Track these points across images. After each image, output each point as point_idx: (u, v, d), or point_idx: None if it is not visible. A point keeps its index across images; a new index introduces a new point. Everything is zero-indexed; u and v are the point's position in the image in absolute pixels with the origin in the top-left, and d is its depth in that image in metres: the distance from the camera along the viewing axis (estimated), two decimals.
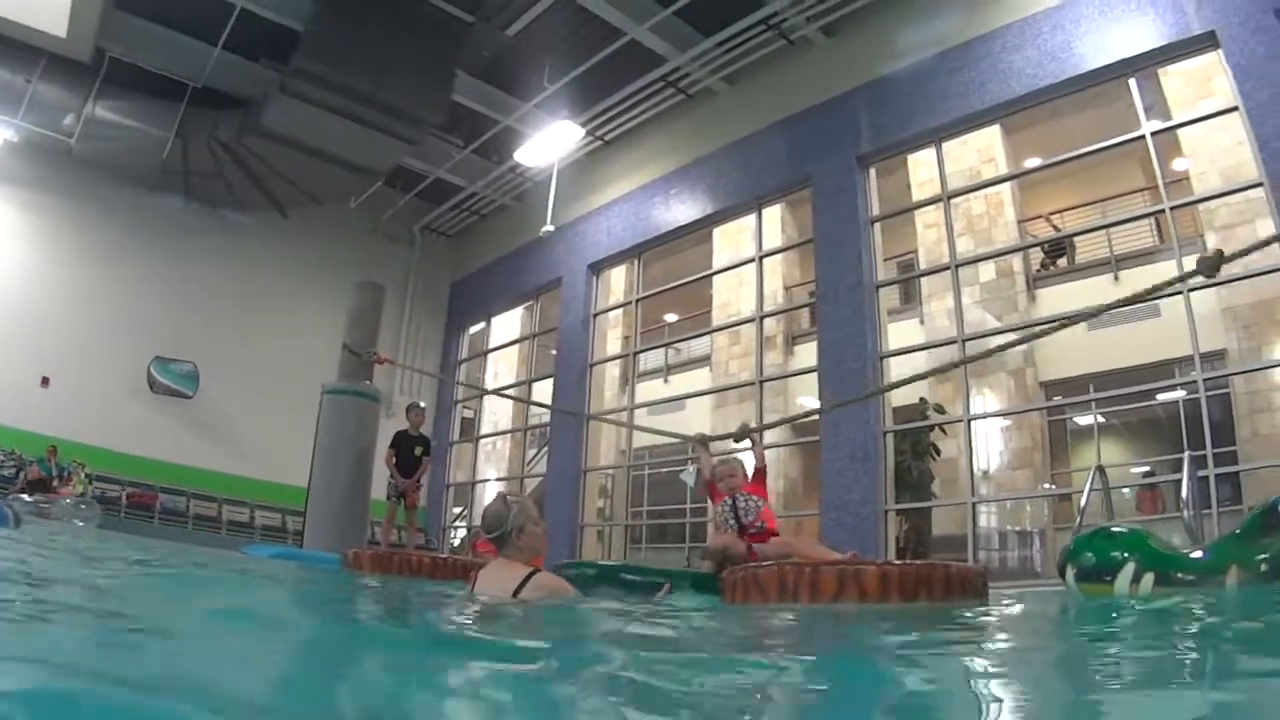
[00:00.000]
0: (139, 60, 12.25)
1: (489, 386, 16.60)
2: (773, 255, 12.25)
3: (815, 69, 10.98)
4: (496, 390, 15.99)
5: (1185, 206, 9.29)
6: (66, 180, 13.42)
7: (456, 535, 15.73)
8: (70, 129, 12.46)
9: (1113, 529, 3.65)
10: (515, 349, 16.80)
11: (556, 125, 12.48)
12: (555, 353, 14.41)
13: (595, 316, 13.70)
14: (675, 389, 16.06)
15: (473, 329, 17.34)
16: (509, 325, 16.87)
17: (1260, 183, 7.34)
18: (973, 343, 9.38)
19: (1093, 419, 13.08)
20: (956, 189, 10.13)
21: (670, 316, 18.91)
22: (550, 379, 14.27)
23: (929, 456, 11.31)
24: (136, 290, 14.05)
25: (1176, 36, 7.91)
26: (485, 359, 17.11)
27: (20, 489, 11.04)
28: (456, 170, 14.91)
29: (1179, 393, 10.60)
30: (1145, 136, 8.33)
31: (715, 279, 14.16)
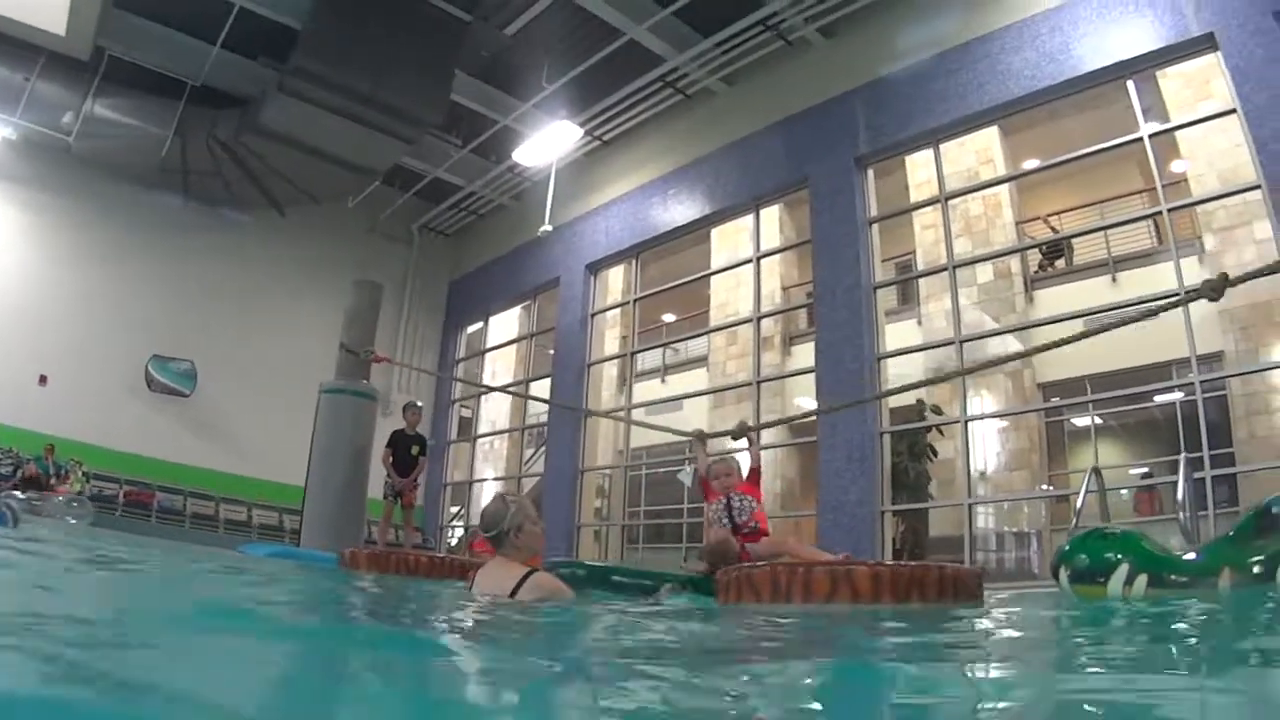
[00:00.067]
0: (138, 58, 12.25)
1: (487, 386, 16.62)
2: (770, 256, 12.23)
3: (814, 70, 10.97)
4: (495, 388, 16.00)
5: (1183, 208, 9.30)
6: (65, 178, 13.41)
7: (454, 534, 15.72)
8: (69, 127, 12.45)
9: (1106, 531, 3.65)
10: (513, 349, 16.83)
11: (555, 125, 12.49)
12: (553, 352, 14.41)
13: (593, 316, 13.71)
14: (673, 389, 16.05)
15: (470, 328, 17.34)
16: (507, 325, 16.89)
17: (1258, 185, 7.35)
18: (970, 344, 9.39)
19: (1090, 420, 13.08)
20: (954, 190, 10.13)
21: (668, 317, 18.92)
22: (548, 379, 14.27)
23: (926, 457, 11.31)
24: (134, 288, 14.04)
25: (1175, 39, 7.91)
26: (483, 358, 17.11)
27: (14, 486, 11.02)
28: (455, 170, 14.91)
29: (1176, 394, 10.61)
30: (1143, 138, 8.34)
31: (713, 279, 14.16)
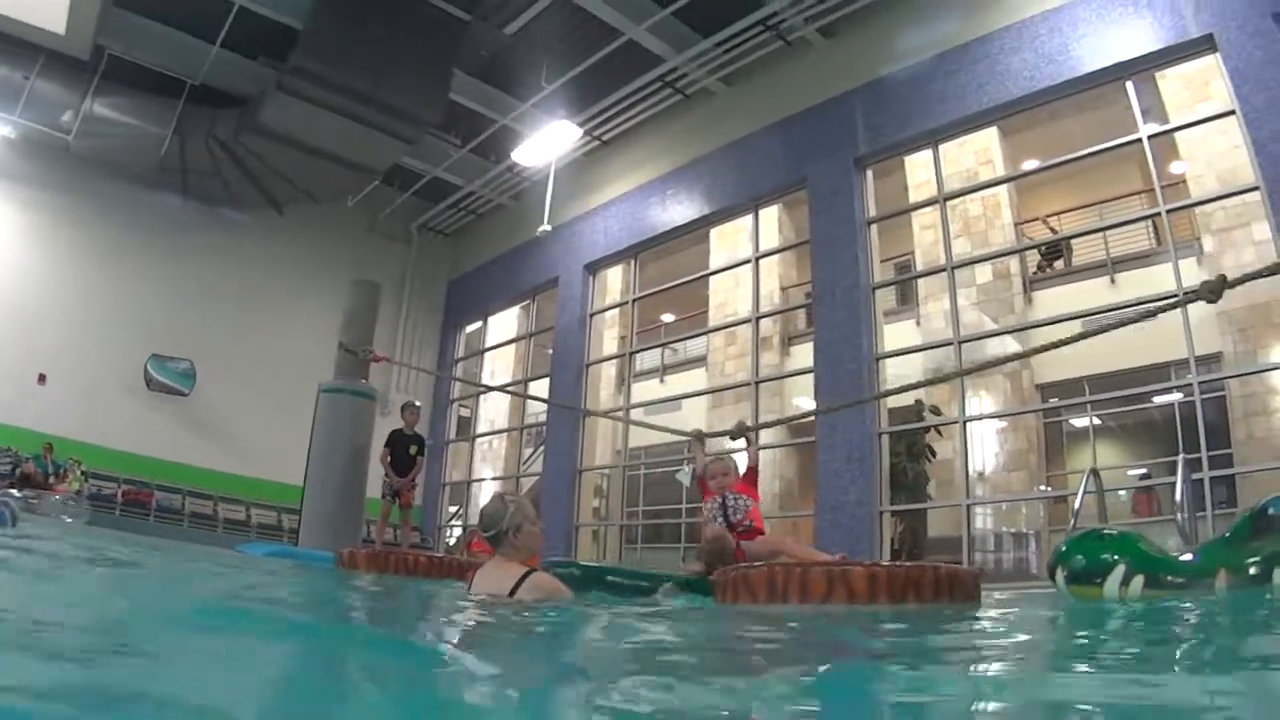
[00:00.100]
0: (137, 57, 12.24)
1: (485, 386, 16.61)
2: (769, 256, 12.24)
3: (813, 70, 10.97)
4: (494, 388, 16.01)
5: (1182, 210, 9.31)
6: (64, 177, 13.40)
7: (452, 534, 15.72)
8: (68, 126, 12.44)
9: (1103, 531, 3.64)
10: (512, 348, 16.84)
11: (554, 125, 12.49)
12: (552, 352, 14.41)
13: (592, 316, 13.70)
14: (671, 389, 16.07)
15: (469, 328, 17.34)
16: (505, 324, 16.89)
17: (1256, 186, 7.35)
18: (969, 345, 9.39)
19: (1089, 421, 13.09)
20: (953, 191, 10.13)
21: (667, 317, 18.94)
22: (546, 379, 14.26)
23: (925, 458, 11.31)
24: (133, 288, 14.03)
25: (1174, 40, 7.91)
26: (482, 358, 17.10)
27: (10, 485, 11.03)
28: (454, 169, 14.90)
29: (1175, 395, 10.62)
30: (1142, 140, 8.34)
31: (712, 279, 14.17)
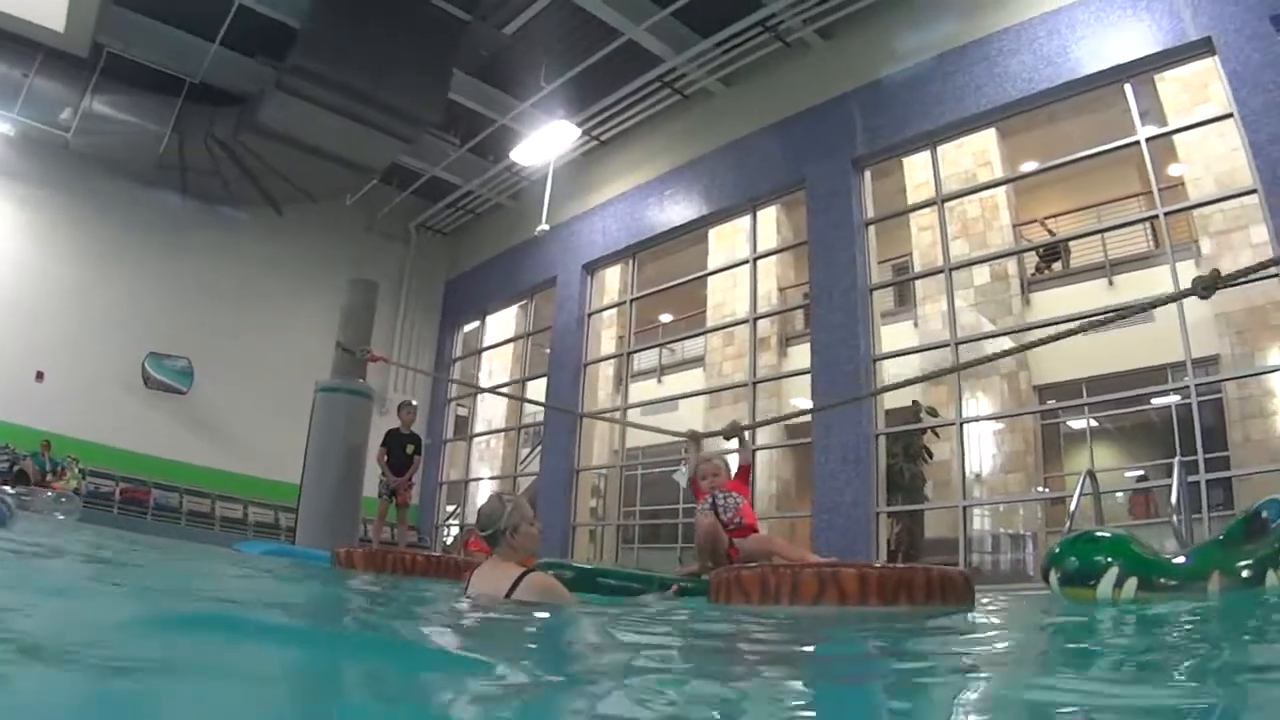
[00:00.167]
0: (136, 55, 12.22)
1: (483, 385, 16.61)
2: (767, 257, 12.25)
3: (811, 71, 10.96)
4: (490, 389, 16.01)
5: (1180, 212, 9.32)
6: (63, 175, 13.38)
7: (449, 533, 15.72)
8: (67, 123, 12.43)
9: (1097, 534, 3.66)
10: (509, 348, 16.84)
11: (553, 125, 12.48)
12: (549, 352, 14.41)
13: (589, 316, 13.68)
14: (669, 389, 16.09)
15: (467, 327, 17.32)
16: (503, 324, 16.89)
17: (1254, 189, 7.34)
18: (966, 346, 9.39)
19: (1086, 423, 13.11)
20: (951, 192, 10.12)
21: (665, 317, 18.96)
22: (544, 378, 14.25)
23: (921, 459, 11.31)
24: (132, 286, 14.02)
25: (1173, 43, 7.90)
26: (479, 357, 17.10)
27: (4, 482, 11.03)
28: (452, 169, 14.89)
29: (1172, 397, 10.63)
30: (1140, 142, 8.33)
31: (710, 280, 14.18)
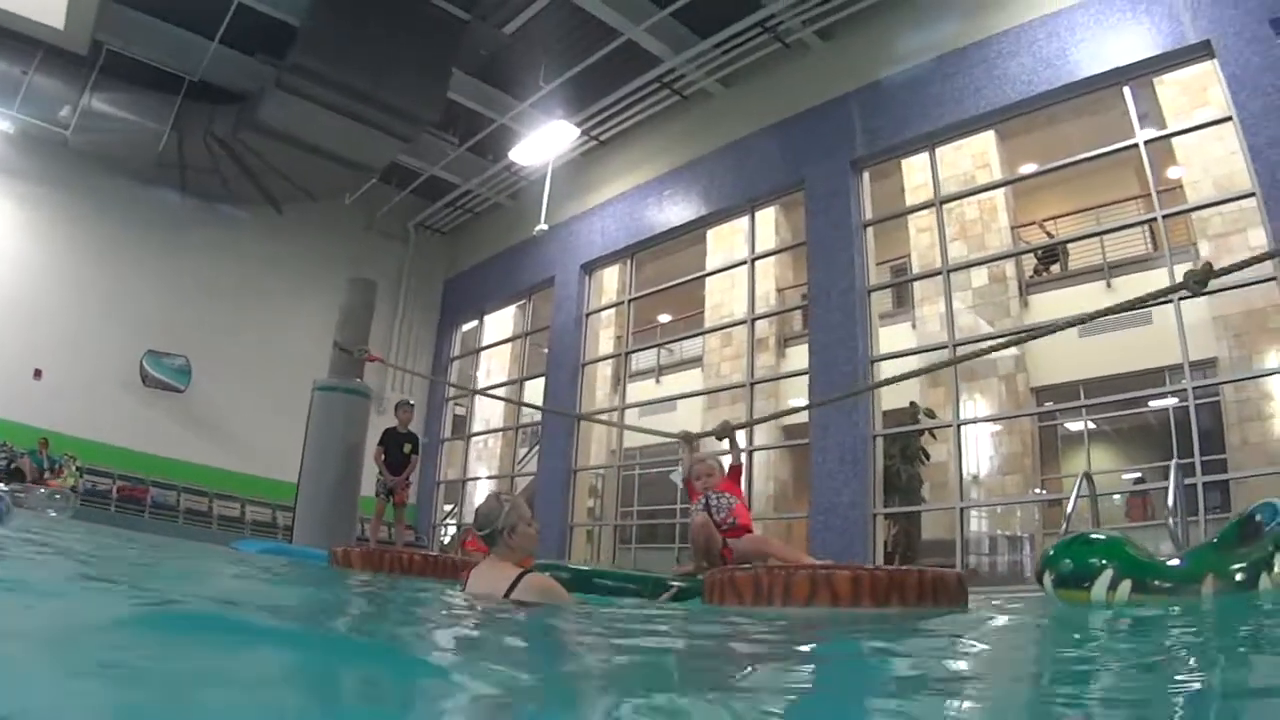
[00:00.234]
0: (136, 53, 12.22)
1: (481, 384, 16.61)
2: (765, 257, 12.25)
3: (811, 72, 10.95)
4: (486, 391, 16.00)
5: (1178, 215, 9.33)
6: (62, 172, 13.37)
7: (446, 533, 15.72)
8: (66, 121, 12.42)
9: (1091, 536, 3.65)
10: (508, 347, 16.83)
11: (552, 125, 12.47)
12: (547, 351, 14.40)
13: (588, 316, 13.67)
14: (667, 389, 16.10)
15: (465, 327, 17.31)
16: (502, 323, 16.88)
17: (1253, 192, 7.34)
18: (964, 348, 9.40)
19: (1083, 425, 13.11)
20: (950, 194, 10.11)
21: (663, 317, 18.97)
22: (542, 378, 14.25)
23: (919, 460, 11.33)
24: (130, 284, 14.01)
25: (1172, 46, 7.90)
26: (478, 357, 17.10)
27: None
28: (451, 168, 14.89)
29: (1170, 400, 10.63)
30: (1139, 145, 8.33)
31: (708, 280, 14.18)
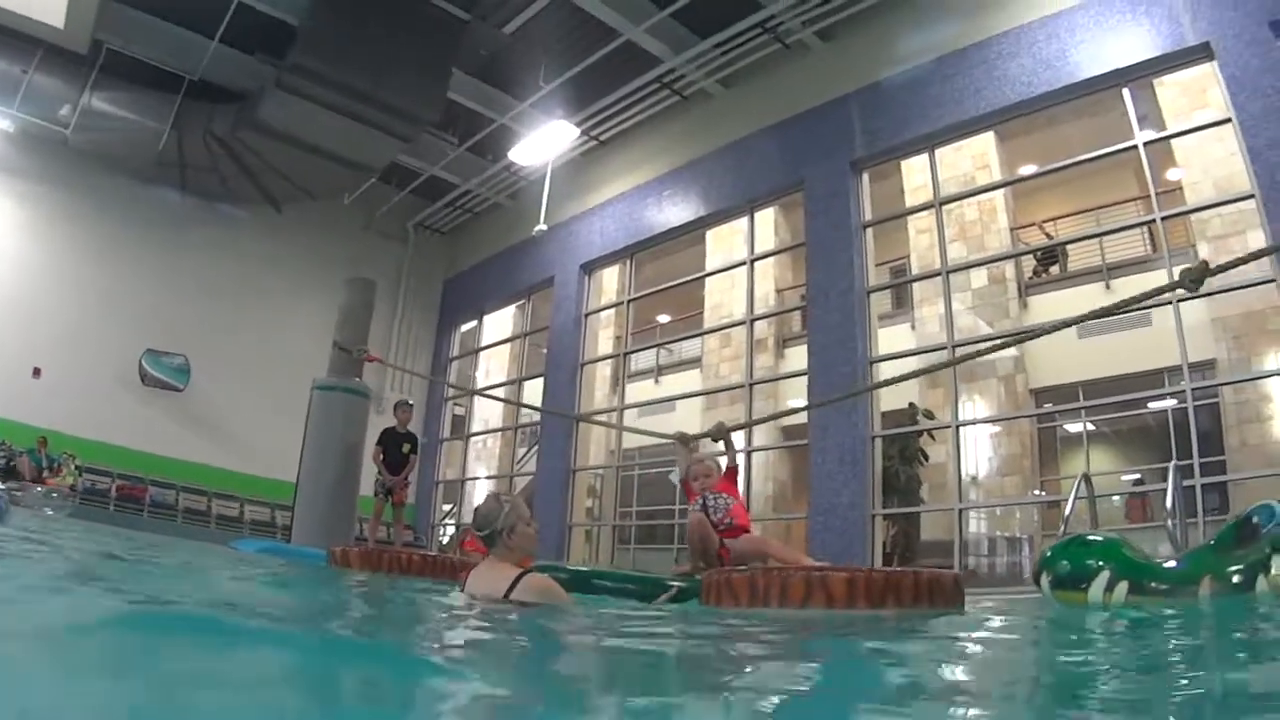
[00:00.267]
0: (136, 52, 12.21)
1: (480, 384, 16.61)
2: (765, 258, 12.24)
3: (811, 73, 10.95)
4: (484, 390, 16.00)
5: (1177, 216, 9.33)
6: (61, 171, 13.37)
7: (445, 533, 15.72)
8: (66, 120, 12.42)
9: (1088, 537, 3.66)
10: (507, 347, 16.82)
11: (551, 125, 12.47)
12: (546, 352, 14.39)
13: (587, 316, 13.66)
14: (666, 390, 16.11)
15: (465, 326, 17.30)
16: (501, 323, 16.87)
17: (1252, 194, 7.34)
18: (963, 349, 9.39)
19: (1083, 427, 13.11)
20: (949, 195, 10.10)
21: (662, 318, 18.97)
22: (541, 378, 14.25)
23: (917, 462, 11.33)
24: (129, 282, 14.00)
25: (1171, 48, 7.90)
26: (477, 357, 17.09)
27: None
28: (451, 168, 14.88)
29: (1169, 402, 10.64)
30: (1139, 146, 8.33)
31: (707, 281, 14.18)
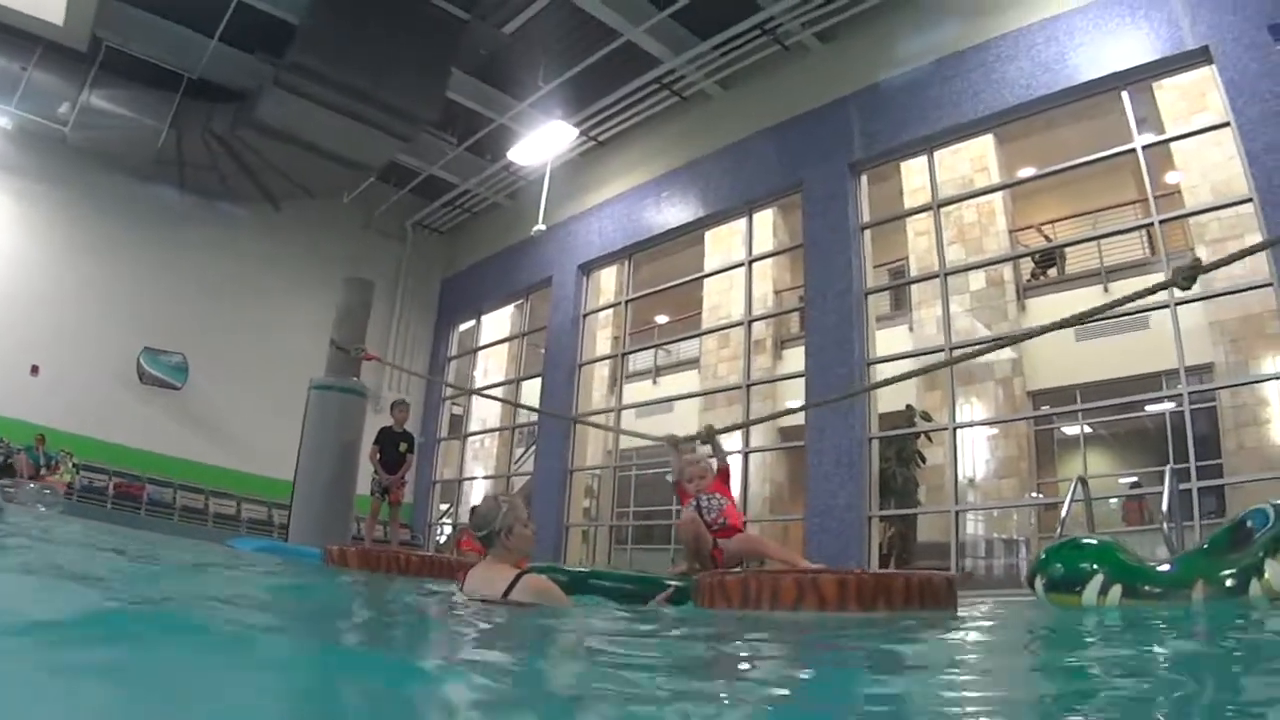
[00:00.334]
0: (135, 50, 12.21)
1: (478, 384, 16.60)
2: (763, 259, 12.24)
3: (810, 75, 10.95)
4: (481, 390, 15.99)
5: (1175, 220, 9.34)
6: (60, 169, 13.36)
7: (442, 532, 15.71)
8: (65, 117, 12.41)
9: (1082, 540, 3.67)
10: (505, 347, 16.81)
11: (550, 125, 12.48)
12: (544, 352, 14.39)
13: (585, 316, 13.66)
14: (664, 390, 16.09)
15: (463, 326, 17.31)
16: (499, 323, 16.86)
17: (1249, 198, 7.35)
18: (961, 351, 9.39)
19: (1080, 429, 13.12)
20: (948, 197, 10.11)
21: (660, 318, 18.95)
22: (539, 378, 14.25)
23: (914, 463, 11.34)
24: (128, 280, 13.98)
25: (1170, 51, 7.91)
26: (475, 356, 17.09)
27: None
28: (450, 167, 14.89)
29: (1166, 405, 10.65)
30: (1137, 150, 8.33)
31: (706, 282, 14.18)
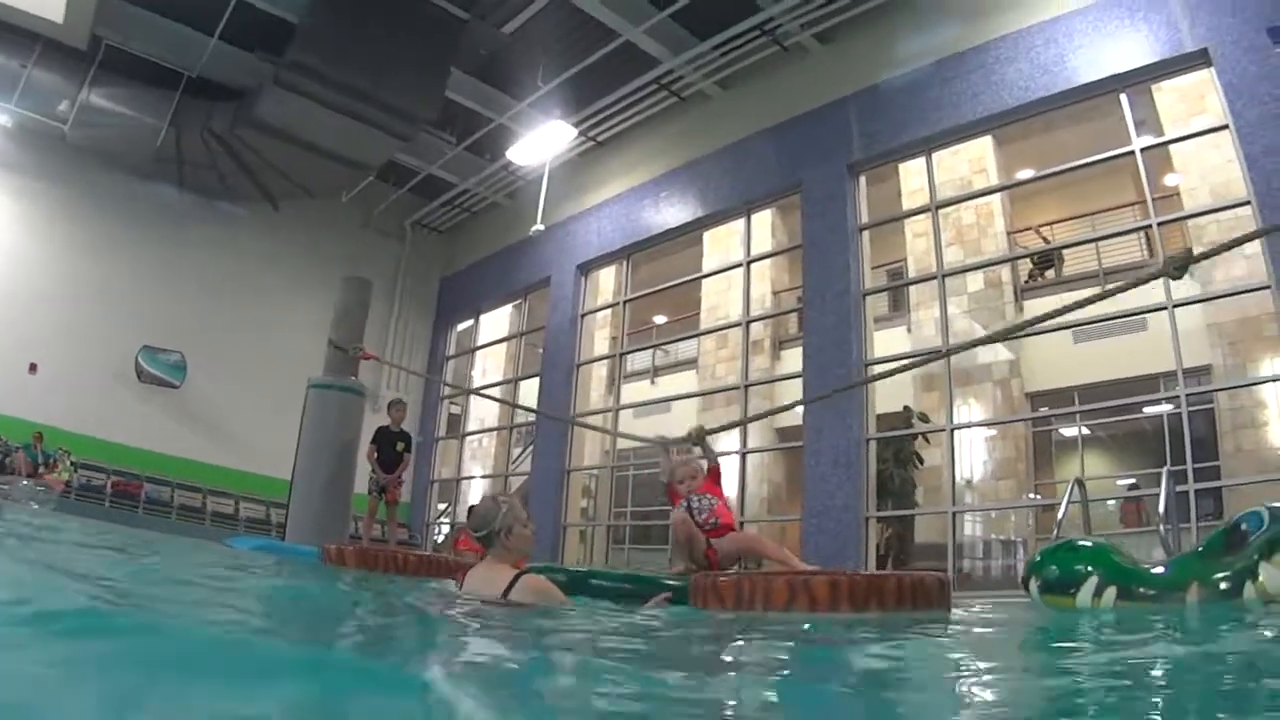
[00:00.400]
0: (134, 48, 12.20)
1: (477, 383, 16.60)
2: (761, 260, 12.24)
3: (809, 75, 10.95)
4: (480, 390, 15.98)
5: (1174, 222, 9.34)
6: (59, 167, 13.35)
7: (440, 531, 15.71)
8: (64, 115, 12.41)
9: (1077, 542, 3.67)
10: (503, 347, 16.80)
11: (549, 125, 12.48)
12: (542, 351, 14.38)
13: (583, 316, 13.66)
14: (662, 390, 16.08)
15: (461, 326, 17.31)
16: (498, 323, 16.86)
17: (1248, 201, 7.36)
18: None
19: (1077, 431, 13.13)
20: (946, 199, 10.12)
21: (659, 318, 18.95)
22: (537, 378, 14.25)
23: (912, 465, 11.34)
24: (126, 279, 13.97)
25: (1169, 53, 7.92)
26: (473, 356, 17.09)
27: None
28: (449, 167, 14.89)
29: (1164, 407, 10.66)
30: (1136, 152, 8.34)
31: (704, 282, 14.18)
